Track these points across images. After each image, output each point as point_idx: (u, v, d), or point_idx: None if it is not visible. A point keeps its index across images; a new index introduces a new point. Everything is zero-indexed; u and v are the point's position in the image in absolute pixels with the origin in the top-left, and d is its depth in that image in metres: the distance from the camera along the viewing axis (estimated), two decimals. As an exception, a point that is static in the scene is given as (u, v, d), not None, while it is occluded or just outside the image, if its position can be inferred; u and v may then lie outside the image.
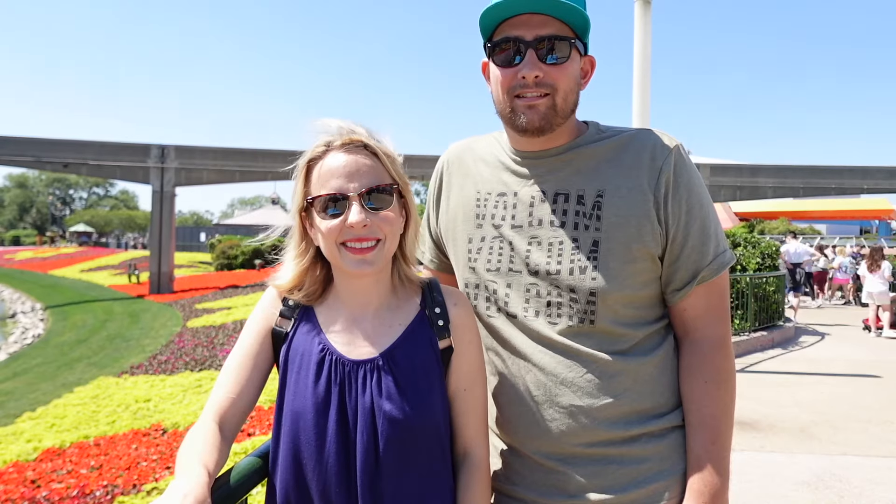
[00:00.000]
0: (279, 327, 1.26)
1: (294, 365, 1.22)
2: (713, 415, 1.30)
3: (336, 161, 1.19)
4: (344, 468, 1.14)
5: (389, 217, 1.20)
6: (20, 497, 4.90)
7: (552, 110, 1.30)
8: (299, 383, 1.19)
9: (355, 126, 1.24)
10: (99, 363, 11.59)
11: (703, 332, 1.34)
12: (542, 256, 1.33)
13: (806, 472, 4.65)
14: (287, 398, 1.20)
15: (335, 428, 1.15)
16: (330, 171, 1.19)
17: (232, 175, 25.13)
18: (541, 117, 1.29)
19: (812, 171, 24.49)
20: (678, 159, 1.33)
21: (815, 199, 28.83)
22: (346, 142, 1.21)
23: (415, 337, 1.24)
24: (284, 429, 1.19)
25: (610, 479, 1.28)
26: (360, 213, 1.16)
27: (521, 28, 1.28)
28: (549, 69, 1.28)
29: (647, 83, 6.53)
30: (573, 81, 1.32)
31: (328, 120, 1.24)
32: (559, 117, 1.31)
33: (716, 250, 1.34)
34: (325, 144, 1.22)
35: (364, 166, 1.19)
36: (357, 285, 1.25)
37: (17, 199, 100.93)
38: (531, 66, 1.27)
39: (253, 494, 1.32)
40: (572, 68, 1.31)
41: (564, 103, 1.31)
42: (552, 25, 1.27)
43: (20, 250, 53.91)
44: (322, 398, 1.17)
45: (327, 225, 1.18)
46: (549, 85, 1.29)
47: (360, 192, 1.17)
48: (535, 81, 1.28)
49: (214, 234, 53.16)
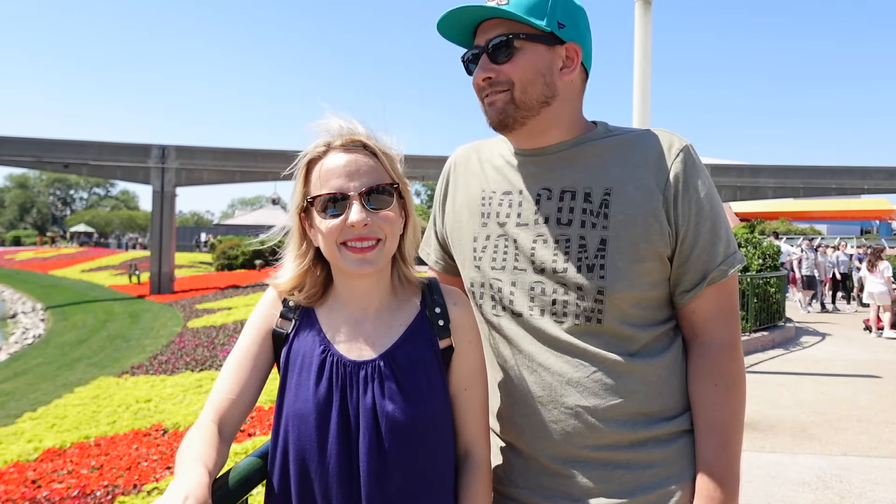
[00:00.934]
0: (280, 328, 1.26)
1: (295, 366, 1.22)
2: (723, 419, 1.28)
3: (336, 161, 1.19)
4: (346, 470, 1.14)
5: (390, 217, 1.20)
6: (21, 497, 4.90)
7: (511, 104, 1.31)
8: (300, 385, 1.19)
9: (356, 125, 1.24)
10: (99, 363, 11.60)
11: (712, 334, 1.33)
12: (549, 254, 1.32)
13: (806, 472, 4.65)
14: (287, 400, 1.20)
15: (336, 429, 1.15)
16: (330, 171, 1.19)
17: (232, 175, 25.15)
18: (498, 112, 1.32)
19: (812, 172, 24.50)
20: (688, 159, 1.32)
21: (815, 199, 28.83)
22: (346, 141, 1.21)
23: (415, 337, 1.23)
24: (285, 431, 1.18)
25: (616, 483, 1.26)
26: (360, 212, 1.16)
27: (480, 36, 1.34)
28: (500, 67, 1.30)
29: (647, 83, 6.53)
30: (530, 73, 1.30)
31: (329, 119, 1.24)
32: (521, 110, 1.31)
33: (726, 251, 1.32)
34: (324, 144, 1.22)
35: (364, 166, 1.19)
36: (357, 286, 1.24)
37: (18, 200, 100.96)
38: (480, 70, 1.32)
39: (253, 494, 1.32)
40: (526, 61, 1.30)
41: (524, 95, 1.30)
42: (501, 26, 1.30)
43: (21, 250, 53.90)
44: (323, 400, 1.17)
45: (327, 225, 1.18)
46: (503, 82, 1.31)
47: (361, 191, 1.17)
48: (488, 82, 1.32)
49: (209, 234, 53.19)
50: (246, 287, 21.19)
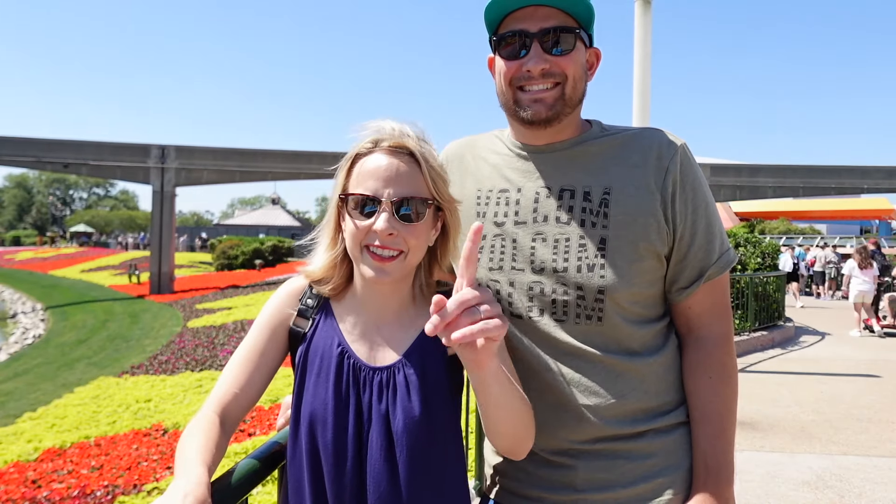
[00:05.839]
0: (297, 327, 1.25)
1: (313, 366, 1.21)
2: (718, 410, 1.31)
3: (378, 162, 1.17)
4: (358, 473, 1.15)
5: (418, 230, 1.17)
6: (21, 497, 4.90)
7: (561, 100, 1.30)
8: (318, 386, 1.19)
9: (409, 131, 1.21)
10: (99, 363, 11.61)
11: (707, 329, 1.36)
12: (548, 253, 1.32)
13: (806, 471, 4.64)
14: (306, 399, 1.20)
15: (353, 433, 1.15)
16: (369, 172, 1.17)
17: (232, 175, 25.16)
18: (548, 108, 1.29)
19: (812, 171, 24.51)
20: (684, 159, 1.33)
21: (815, 198, 28.85)
22: (394, 145, 1.18)
23: (431, 345, 1.22)
24: (302, 429, 1.18)
25: (617, 473, 1.28)
26: (387, 220, 1.13)
27: (526, 21, 1.28)
28: (555, 59, 1.28)
29: (647, 83, 6.53)
30: (581, 70, 1.32)
31: (383, 121, 1.22)
32: (567, 107, 1.31)
33: (721, 248, 1.35)
34: (372, 142, 1.19)
35: (405, 174, 1.16)
36: (376, 290, 1.23)
37: (17, 200, 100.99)
38: (537, 59, 1.27)
39: (253, 494, 1.32)
40: (579, 58, 1.31)
41: (573, 92, 1.31)
42: (556, 17, 1.28)
43: (20, 251, 53.89)
44: (341, 403, 1.17)
45: (355, 225, 1.16)
46: (557, 74, 1.29)
47: (393, 199, 1.15)
48: (542, 73, 1.28)
49: (202, 234, 53.22)
50: (246, 287, 21.20)
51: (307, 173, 25.28)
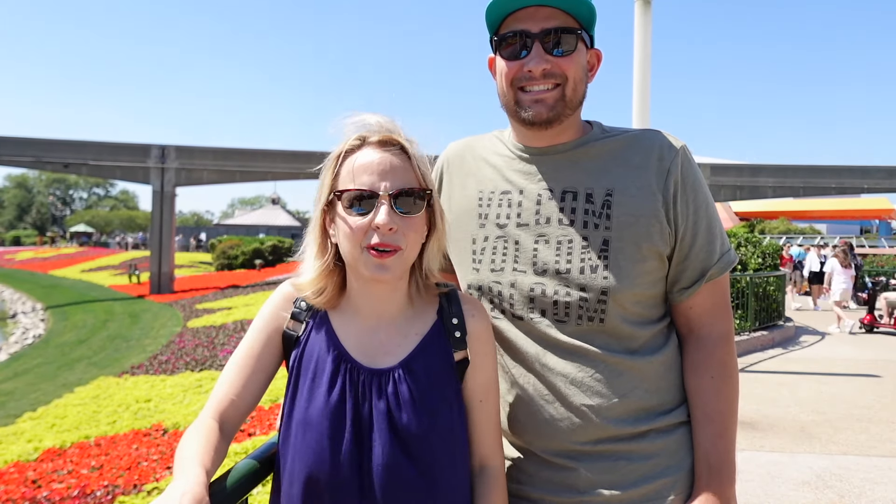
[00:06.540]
0: (291, 330, 1.22)
1: (308, 371, 1.18)
2: (719, 409, 1.31)
3: (370, 157, 1.14)
4: (356, 479, 1.12)
5: (416, 223, 1.16)
6: (21, 497, 4.90)
7: (561, 101, 1.30)
8: (313, 391, 1.16)
9: (394, 124, 1.19)
10: (99, 363, 11.61)
11: (709, 328, 1.36)
12: (551, 255, 1.32)
13: (806, 471, 4.64)
14: (299, 405, 1.16)
15: (350, 439, 1.12)
16: (362, 167, 1.14)
17: (232, 175, 25.15)
18: (549, 109, 1.29)
19: (812, 171, 24.52)
20: (685, 160, 1.34)
21: (815, 198, 28.85)
22: (384, 139, 1.16)
23: (431, 348, 1.20)
24: (296, 436, 1.15)
25: (619, 474, 1.28)
26: (388, 214, 1.11)
27: (527, 21, 1.28)
28: (556, 60, 1.28)
29: (647, 83, 6.53)
30: (581, 72, 1.32)
31: (366, 115, 1.19)
32: (568, 108, 1.31)
33: (721, 249, 1.36)
34: (360, 138, 1.17)
35: (398, 167, 1.14)
36: (373, 291, 1.20)
37: (17, 200, 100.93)
38: (538, 60, 1.27)
39: (253, 494, 1.32)
40: (580, 59, 1.31)
41: (574, 93, 1.31)
42: (558, 17, 1.28)
43: (20, 250, 53.91)
44: (337, 407, 1.14)
45: (352, 223, 1.13)
46: (558, 75, 1.29)
47: (391, 192, 1.12)
48: (543, 73, 1.28)
49: (201, 234, 53.24)
50: (246, 287, 21.19)
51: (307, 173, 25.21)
